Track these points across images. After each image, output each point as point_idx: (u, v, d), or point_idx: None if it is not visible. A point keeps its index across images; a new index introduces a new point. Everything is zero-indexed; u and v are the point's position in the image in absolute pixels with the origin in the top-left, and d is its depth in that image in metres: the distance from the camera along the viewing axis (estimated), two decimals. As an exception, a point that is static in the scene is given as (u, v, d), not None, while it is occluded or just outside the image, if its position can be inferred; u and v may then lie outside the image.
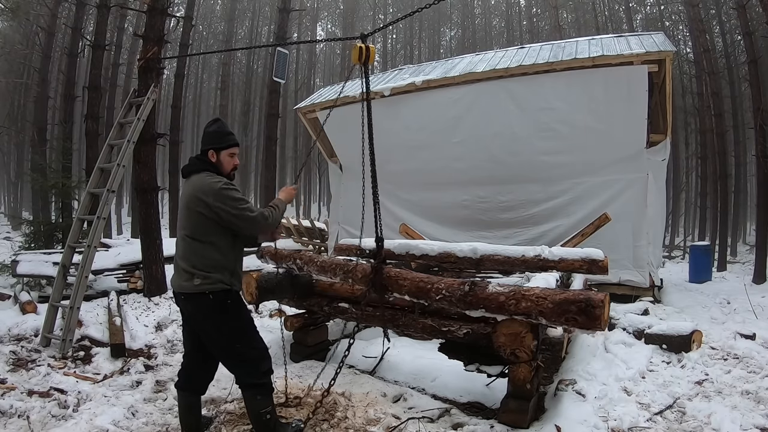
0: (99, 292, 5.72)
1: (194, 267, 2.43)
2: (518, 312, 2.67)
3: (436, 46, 32.85)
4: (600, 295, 2.54)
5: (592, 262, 4.14)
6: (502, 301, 2.71)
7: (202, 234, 2.46)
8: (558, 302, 2.54)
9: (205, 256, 2.45)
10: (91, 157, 8.88)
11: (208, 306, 2.44)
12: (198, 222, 2.45)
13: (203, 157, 2.61)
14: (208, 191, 2.43)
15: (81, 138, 11.66)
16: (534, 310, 2.61)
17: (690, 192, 22.43)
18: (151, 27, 5.87)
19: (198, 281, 2.42)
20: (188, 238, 2.48)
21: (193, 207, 2.45)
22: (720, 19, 18.46)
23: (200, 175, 2.53)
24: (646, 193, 6.69)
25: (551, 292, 2.67)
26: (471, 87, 7.28)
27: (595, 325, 2.47)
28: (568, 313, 2.50)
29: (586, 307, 2.45)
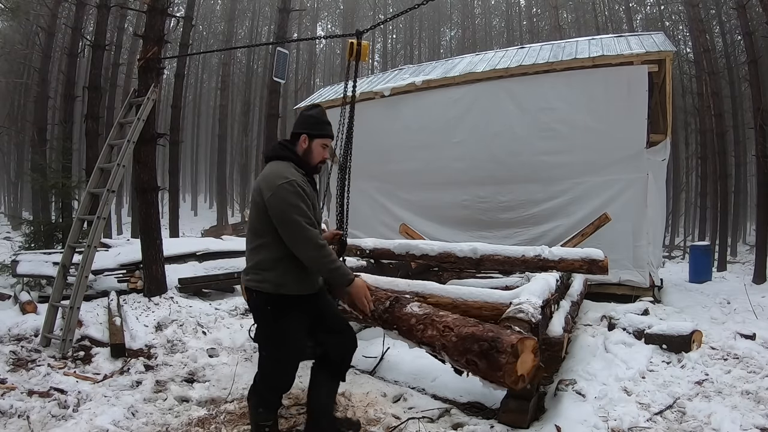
0: (99, 292, 5.71)
1: (248, 261, 2.36)
2: (424, 340, 2.29)
3: (436, 46, 32.86)
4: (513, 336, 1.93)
5: (592, 262, 4.14)
6: (412, 324, 2.36)
7: (260, 227, 2.30)
8: (463, 337, 2.06)
9: (259, 251, 2.31)
10: (91, 157, 8.88)
11: (254, 304, 2.39)
12: (257, 213, 2.29)
13: (290, 143, 2.43)
14: (270, 183, 2.23)
15: (81, 138, 11.66)
16: (437, 342, 2.18)
17: (690, 192, 22.43)
18: (151, 27, 5.86)
19: (248, 277, 2.34)
20: (249, 231, 2.39)
21: (255, 196, 2.31)
22: (720, 19, 18.47)
23: (276, 163, 2.35)
24: (646, 193, 6.69)
25: (463, 323, 2.18)
26: (471, 87, 7.29)
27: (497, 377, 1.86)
28: (469, 353, 1.99)
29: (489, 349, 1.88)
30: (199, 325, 5.10)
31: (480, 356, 1.88)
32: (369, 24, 29.36)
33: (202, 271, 6.74)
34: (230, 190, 28.86)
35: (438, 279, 5.20)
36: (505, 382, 1.84)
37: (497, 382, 1.89)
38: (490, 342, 1.89)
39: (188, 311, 5.45)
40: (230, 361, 4.08)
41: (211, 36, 30.53)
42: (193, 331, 4.93)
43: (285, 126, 25.87)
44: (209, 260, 7.06)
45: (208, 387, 3.55)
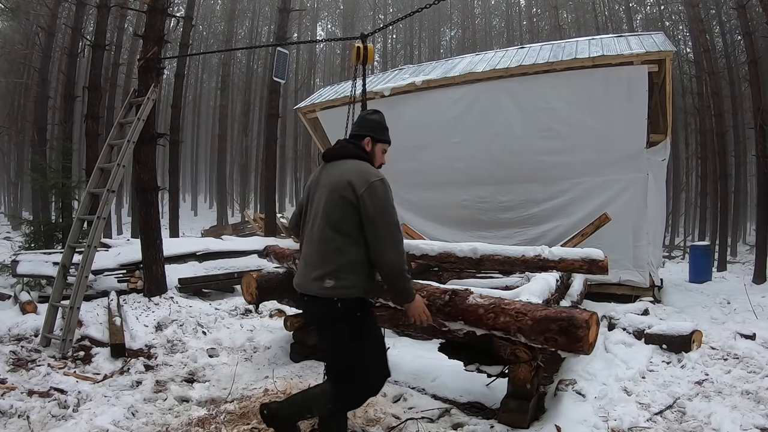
0: (99, 292, 5.71)
1: (327, 266, 2.13)
2: (496, 327, 2.49)
3: (436, 46, 32.85)
4: (585, 313, 2.29)
5: (592, 262, 4.14)
6: (480, 314, 2.52)
7: (348, 226, 2.13)
8: (538, 319, 2.32)
9: (343, 252, 2.13)
10: (91, 157, 8.88)
11: (332, 315, 2.15)
12: (342, 210, 2.13)
13: (358, 142, 2.36)
14: (362, 178, 2.13)
15: (81, 138, 11.66)
16: (513, 327, 2.39)
17: (690, 192, 22.43)
18: (151, 27, 5.86)
19: (330, 283, 2.11)
20: (328, 228, 2.15)
21: (341, 191, 2.13)
22: (720, 19, 18.47)
23: (357, 161, 2.26)
24: (646, 193, 6.69)
25: (533, 307, 2.44)
26: (471, 87, 7.28)
27: (577, 347, 2.21)
28: (547, 332, 2.26)
29: (568, 326, 2.19)
30: (199, 325, 5.10)
31: (559, 333, 2.19)
32: (369, 24, 29.50)
33: (202, 271, 6.74)
34: (230, 190, 28.85)
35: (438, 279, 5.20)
36: (583, 350, 2.20)
37: (576, 351, 2.24)
38: (567, 320, 2.20)
39: (188, 311, 5.46)
40: (230, 361, 4.08)
41: (211, 36, 30.52)
42: (193, 331, 4.93)
43: (285, 126, 25.93)
44: (209, 260, 7.07)
45: (208, 387, 3.55)
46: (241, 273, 5.98)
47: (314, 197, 2.29)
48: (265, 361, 4.07)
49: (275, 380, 3.49)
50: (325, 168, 2.35)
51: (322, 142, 9.78)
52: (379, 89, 7.76)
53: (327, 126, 9.06)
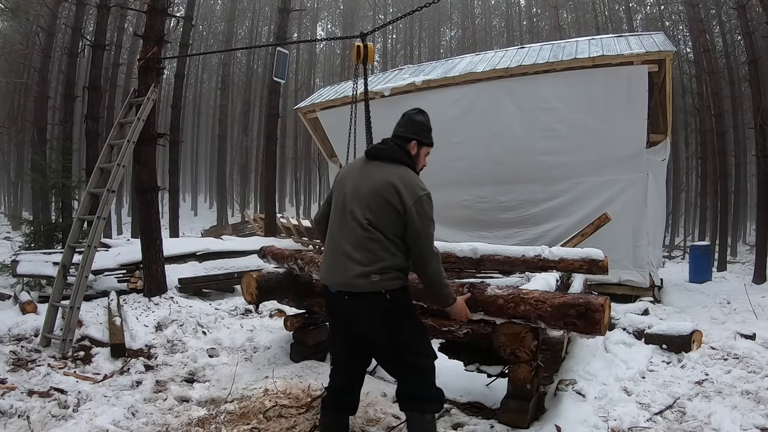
0: (99, 292, 5.71)
1: (374, 262, 2.11)
2: (517, 315, 2.65)
3: (436, 46, 32.86)
4: (600, 299, 2.49)
5: (592, 262, 4.13)
6: (500, 304, 2.68)
7: (391, 229, 2.14)
8: (557, 306, 2.51)
9: (391, 251, 2.15)
10: (91, 157, 8.87)
11: (383, 307, 2.14)
12: (389, 214, 2.14)
13: (404, 145, 2.30)
14: (411, 190, 2.14)
15: (81, 138, 11.65)
16: (533, 314, 2.58)
17: (690, 192, 22.43)
18: (151, 27, 5.86)
19: (377, 278, 2.11)
20: (371, 227, 2.13)
21: (388, 197, 2.13)
22: (720, 19, 18.47)
23: (403, 168, 2.23)
24: (646, 193, 6.70)
25: (550, 295, 2.64)
26: (471, 87, 7.29)
27: (595, 329, 2.42)
28: (567, 317, 2.47)
29: (586, 311, 2.40)
30: (199, 325, 5.10)
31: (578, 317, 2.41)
32: (369, 24, 29.49)
33: (202, 271, 6.74)
34: (230, 190, 28.85)
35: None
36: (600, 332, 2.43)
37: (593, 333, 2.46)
38: (585, 306, 2.41)
39: (188, 311, 5.46)
40: (230, 361, 4.08)
41: (211, 36, 30.53)
42: (193, 331, 4.93)
43: (285, 126, 25.93)
44: (209, 260, 7.07)
45: (208, 387, 3.55)
46: (241, 273, 5.98)
47: (351, 193, 2.22)
48: (265, 361, 4.07)
49: (275, 380, 3.48)
50: (367, 165, 2.28)
51: (322, 142, 9.80)
52: (379, 89, 7.77)
53: (327, 126, 9.08)
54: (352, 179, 2.28)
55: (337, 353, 2.38)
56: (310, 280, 4.01)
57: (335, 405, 2.34)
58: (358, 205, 2.18)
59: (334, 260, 2.20)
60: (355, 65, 3.71)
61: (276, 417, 2.88)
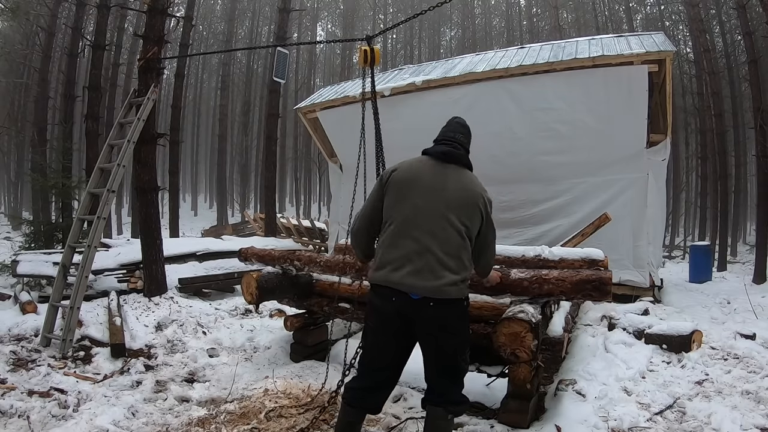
0: (99, 292, 5.71)
1: (463, 271, 2.18)
2: (542, 294, 2.98)
3: (436, 46, 32.86)
4: (608, 273, 2.97)
5: (592, 262, 4.12)
6: (525, 285, 3.00)
7: (473, 232, 2.24)
8: (576, 282, 2.92)
9: (470, 259, 2.24)
10: (91, 157, 8.88)
11: (461, 314, 2.23)
12: (475, 220, 2.23)
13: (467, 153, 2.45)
14: (488, 196, 2.34)
15: (81, 138, 11.65)
16: (556, 291, 2.95)
17: (690, 192, 22.42)
18: (151, 27, 5.86)
19: (462, 286, 2.18)
20: (466, 236, 2.19)
21: (477, 203, 2.25)
22: (720, 19, 18.47)
23: (474, 175, 2.39)
24: (646, 193, 6.69)
25: (568, 274, 3.00)
26: (471, 87, 7.28)
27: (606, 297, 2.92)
28: (584, 290, 2.90)
29: (600, 284, 2.87)
30: (199, 325, 5.10)
31: (593, 290, 2.87)
32: (369, 24, 29.48)
33: (202, 271, 6.74)
34: (230, 190, 28.85)
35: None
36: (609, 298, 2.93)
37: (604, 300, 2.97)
38: (599, 281, 2.87)
39: (188, 311, 5.46)
40: (230, 361, 4.08)
41: (211, 36, 30.52)
42: (193, 331, 4.93)
43: (285, 126, 25.93)
44: (209, 260, 7.07)
45: (208, 387, 3.55)
46: (241, 273, 5.99)
47: (438, 196, 2.21)
48: (265, 361, 4.08)
49: (275, 380, 3.48)
50: (445, 168, 2.30)
51: (322, 142, 9.79)
52: (379, 89, 7.74)
53: (327, 126, 9.07)
54: (426, 184, 2.24)
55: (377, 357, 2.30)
56: (310, 280, 4.01)
57: (361, 404, 2.31)
58: (452, 209, 2.19)
59: (421, 265, 2.11)
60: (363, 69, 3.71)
61: (276, 417, 2.88)
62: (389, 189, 2.28)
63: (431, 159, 2.33)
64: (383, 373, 2.30)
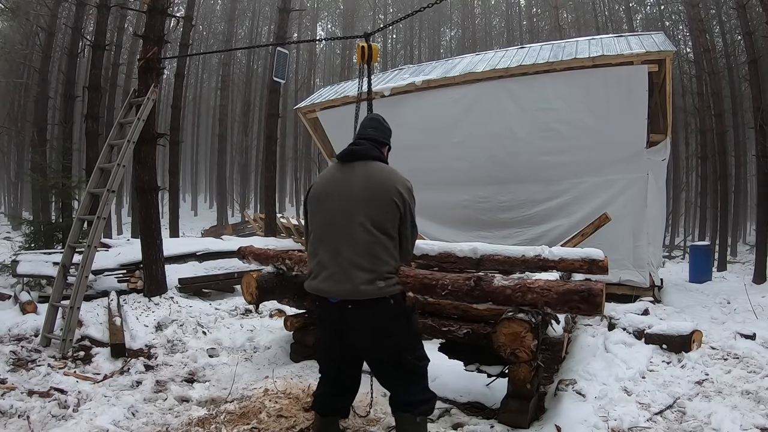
0: (99, 292, 5.71)
1: (379, 266, 2.11)
2: (525, 303, 2.76)
3: (436, 46, 32.85)
4: (599, 284, 2.70)
5: (592, 262, 4.13)
6: (508, 294, 2.79)
7: (392, 227, 2.16)
8: (562, 293, 2.67)
9: (391, 253, 2.17)
10: (91, 157, 8.87)
11: (389, 312, 2.15)
12: (391, 213, 2.16)
13: (380, 148, 2.39)
14: (404, 185, 2.23)
15: (81, 138, 11.65)
16: (540, 301, 2.71)
17: (690, 192, 22.42)
18: (151, 27, 5.86)
19: (382, 284, 2.10)
20: (375, 230, 2.12)
21: (389, 195, 2.16)
22: (720, 19, 18.47)
23: (386, 165, 2.32)
24: (646, 193, 6.70)
25: (554, 283, 2.80)
26: (471, 87, 7.29)
27: (597, 311, 2.65)
28: (571, 302, 2.65)
29: (589, 296, 2.61)
30: (199, 325, 5.10)
31: (581, 301, 2.61)
32: (369, 24, 29.47)
33: (202, 271, 6.74)
34: (230, 190, 28.84)
35: (438, 279, 5.21)
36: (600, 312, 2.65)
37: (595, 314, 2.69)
38: (587, 291, 2.61)
39: (188, 311, 5.46)
40: (230, 361, 4.08)
41: (211, 36, 30.51)
42: (193, 331, 4.93)
43: (285, 126, 25.92)
44: (209, 260, 7.07)
45: (208, 387, 3.55)
46: (241, 273, 5.98)
47: (344, 200, 2.19)
48: (265, 361, 4.07)
49: (275, 380, 3.48)
50: (350, 168, 2.26)
51: (322, 142, 9.79)
52: (379, 89, 7.76)
53: (327, 126, 9.07)
54: (336, 188, 2.24)
55: (331, 361, 2.35)
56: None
57: (330, 410, 2.35)
58: (357, 209, 2.14)
59: (334, 270, 2.13)
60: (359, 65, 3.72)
61: (276, 417, 2.88)
62: (309, 204, 2.35)
63: (338, 163, 2.33)
64: (340, 376, 2.36)
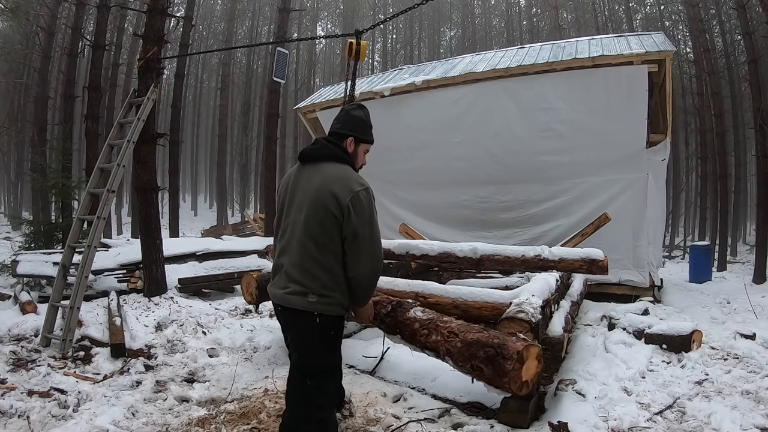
0: (99, 292, 5.72)
1: (311, 280, 2.01)
2: (428, 346, 2.36)
3: (436, 46, 32.86)
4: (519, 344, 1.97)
5: (592, 262, 4.14)
6: (415, 328, 2.42)
7: (330, 239, 1.99)
8: (468, 342, 2.10)
9: (328, 268, 2.01)
10: (91, 157, 8.88)
11: (309, 329, 2.05)
12: (322, 222, 1.99)
13: (339, 142, 2.18)
14: (347, 187, 2.00)
15: (81, 138, 11.66)
16: (442, 348, 2.22)
17: (690, 192, 22.43)
18: (151, 27, 5.86)
19: (314, 299, 2.00)
20: (310, 242, 2.00)
21: (324, 203, 1.98)
22: (720, 19, 18.47)
23: (339, 165, 2.10)
24: (646, 193, 6.69)
25: (467, 328, 2.22)
26: (471, 87, 7.28)
27: (503, 383, 1.92)
28: (474, 358, 2.04)
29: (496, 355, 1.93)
30: (199, 325, 5.10)
31: (486, 362, 1.88)
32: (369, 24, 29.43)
33: (202, 271, 6.74)
34: (230, 191, 28.85)
35: (438, 279, 5.20)
36: (510, 388, 1.85)
37: (502, 388, 1.89)
38: (496, 348, 1.90)
39: (188, 311, 5.46)
40: (230, 361, 4.08)
41: (211, 36, 30.52)
42: (193, 331, 4.93)
43: (285, 126, 25.91)
44: (209, 260, 7.07)
45: (208, 387, 3.55)
46: (241, 273, 5.99)
47: (292, 204, 2.12)
48: (265, 361, 4.07)
49: (275, 380, 3.49)
50: (303, 170, 2.16)
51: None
52: (379, 89, 7.76)
53: (327, 126, 9.05)
54: (291, 188, 2.17)
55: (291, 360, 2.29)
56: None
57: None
58: (296, 219, 2.07)
59: (278, 275, 2.14)
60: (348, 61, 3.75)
61: (276, 417, 2.88)
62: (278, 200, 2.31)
63: (298, 164, 2.24)
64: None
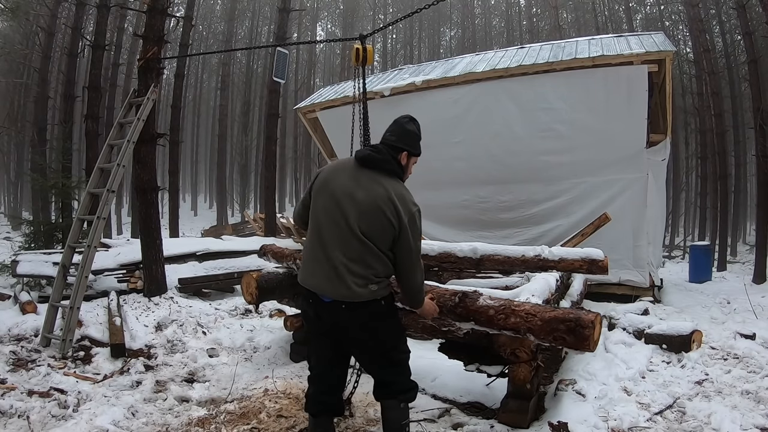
0: (99, 292, 5.71)
1: (372, 274, 2.15)
2: (507, 327, 2.62)
3: (436, 46, 32.86)
4: (591, 315, 2.45)
5: (592, 262, 4.13)
6: (491, 315, 2.66)
7: (383, 242, 2.16)
8: (547, 320, 2.47)
9: (384, 263, 2.18)
10: (91, 157, 8.88)
11: (380, 313, 2.23)
12: (387, 230, 2.14)
13: (396, 155, 2.31)
14: (406, 207, 2.18)
15: (81, 138, 11.66)
16: (523, 327, 2.54)
17: (690, 192, 22.43)
18: (151, 27, 5.86)
19: (374, 287, 2.16)
20: (370, 241, 2.14)
21: (386, 211, 2.13)
22: (720, 19, 18.47)
23: (397, 181, 2.27)
24: (646, 193, 6.70)
25: (541, 308, 2.60)
26: (471, 87, 7.28)
27: (584, 345, 2.38)
28: (556, 331, 2.43)
29: (576, 326, 2.36)
30: (199, 325, 5.10)
31: (567, 333, 2.37)
32: (369, 24, 29.48)
33: (202, 271, 6.74)
34: (230, 190, 28.85)
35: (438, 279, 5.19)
36: (589, 348, 2.38)
37: (582, 349, 2.42)
38: (574, 321, 2.36)
39: (188, 311, 5.46)
40: (230, 361, 4.08)
41: (211, 36, 30.51)
42: (193, 331, 4.93)
43: (285, 126, 25.92)
44: (209, 260, 7.07)
45: (208, 387, 3.56)
46: (241, 273, 5.98)
47: (344, 200, 2.17)
48: (265, 361, 4.08)
49: (275, 380, 3.49)
50: (359, 172, 2.23)
51: (322, 142, 9.78)
52: (379, 89, 7.76)
53: (327, 126, 9.07)
54: (342, 184, 2.21)
55: (321, 359, 2.34)
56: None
57: (324, 410, 2.34)
58: (353, 215, 2.14)
59: (328, 270, 2.15)
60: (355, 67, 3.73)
61: (276, 417, 2.88)
62: (314, 189, 2.30)
63: (354, 162, 2.30)
64: (329, 375, 2.35)
